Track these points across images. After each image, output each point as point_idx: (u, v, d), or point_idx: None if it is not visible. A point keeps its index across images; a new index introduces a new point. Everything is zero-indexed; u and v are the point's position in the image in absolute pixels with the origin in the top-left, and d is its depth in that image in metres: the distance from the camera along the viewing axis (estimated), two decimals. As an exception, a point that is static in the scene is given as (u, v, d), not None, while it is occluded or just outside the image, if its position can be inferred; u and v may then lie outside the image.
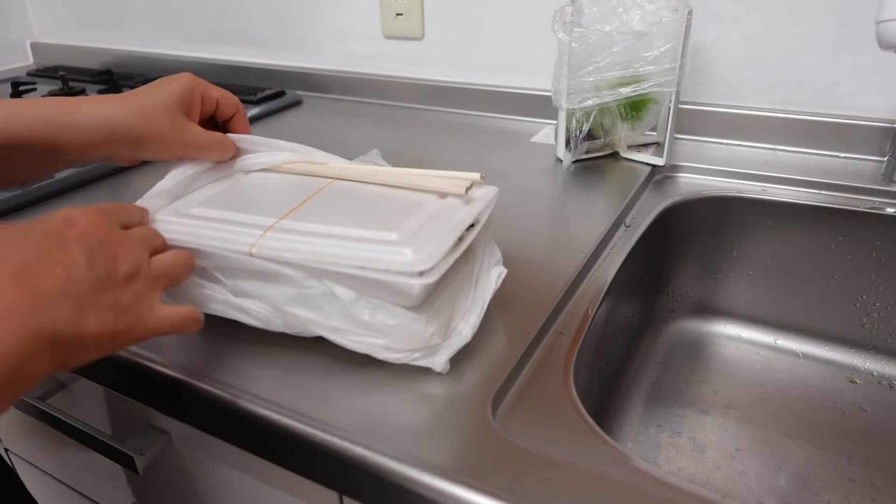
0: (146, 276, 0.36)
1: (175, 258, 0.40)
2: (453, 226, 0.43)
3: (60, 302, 0.31)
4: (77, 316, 0.32)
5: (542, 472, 0.35)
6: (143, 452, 0.50)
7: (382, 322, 0.40)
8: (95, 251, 0.34)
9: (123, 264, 0.35)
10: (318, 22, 1.07)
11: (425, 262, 0.39)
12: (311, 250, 0.41)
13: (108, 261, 0.34)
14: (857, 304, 0.70)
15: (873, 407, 0.65)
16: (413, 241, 0.41)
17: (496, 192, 0.48)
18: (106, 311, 0.33)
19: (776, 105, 0.79)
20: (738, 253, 0.73)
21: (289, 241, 0.42)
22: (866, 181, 0.69)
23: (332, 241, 0.41)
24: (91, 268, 0.33)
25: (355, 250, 0.41)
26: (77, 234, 0.34)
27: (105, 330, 0.33)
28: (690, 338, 0.76)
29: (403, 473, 0.35)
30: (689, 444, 0.62)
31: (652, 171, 0.75)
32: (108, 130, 0.46)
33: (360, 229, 0.42)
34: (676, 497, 0.34)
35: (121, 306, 0.34)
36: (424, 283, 0.39)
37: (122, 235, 0.37)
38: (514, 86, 0.94)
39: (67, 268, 0.32)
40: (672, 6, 0.67)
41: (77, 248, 0.33)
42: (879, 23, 0.56)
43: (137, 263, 0.36)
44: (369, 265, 0.39)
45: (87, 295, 0.32)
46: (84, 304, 0.32)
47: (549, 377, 0.43)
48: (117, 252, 0.35)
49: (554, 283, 0.52)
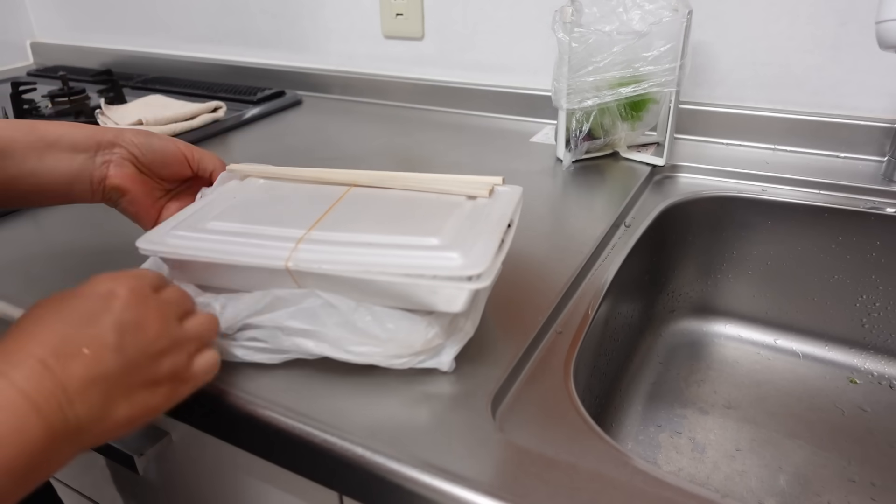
0: (180, 345, 0.36)
1: (204, 321, 0.39)
2: (493, 227, 0.41)
3: (88, 390, 0.31)
4: (105, 404, 0.31)
5: (542, 472, 0.35)
6: (143, 452, 0.50)
7: (383, 327, 0.39)
8: (127, 330, 0.33)
9: (158, 340, 0.34)
10: (318, 22, 1.07)
11: (476, 266, 0.38)
12: (351, 260, 0.39)
13: (140, 338, 0.33)
14: (857, 304, 0.70)
15: (873, 407, 0.65)
16: (457, 244, 0.39)
17: (521, 192, 0.47)
18: (138, 392, 0.33)
19: (776, 105, 0.79)
20: (737, 253, 0.73)
21: (325, 253, 0.40)
22: (866, 181, 0.69)
23: (372, 249, 0.40)
24: (121, 349, 0.32)
25: (399, 258, 0.39)
26: (115, 309, 0.33)
27: (135, 413, 0.33)
28: (690, 338, 0.76)
29: (403, 473, 0.35)
30: (689, 444, 0.62)
31: (652, 171, 0.75)
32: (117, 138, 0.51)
33: (397, 236, 0.41)
34: (676, 497, 0.34)
35: (156, 381, 0.34)
36: (476, 288, 0.38)
37: (157, 305, 0.36)
38: (514, 86, 0.94)
39: (95, 351, 0.31)
40: (672, 6, 0.67)
41: (108, 327, 0.32)
42: (879, 23, 0.56)
43: (171, 335, 0.35)
44: (417, 272, 0.38)
45: (117, 380, 0.32)
46: (113, 392, 0.32)
47: (549, 377, 0.43)
48: (151, 326, 0.34)
49: (554, 283, 0.52)
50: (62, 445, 0.29)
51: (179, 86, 1.10)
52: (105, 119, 0.86)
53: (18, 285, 0.55)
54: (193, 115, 0.90)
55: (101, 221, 0.67)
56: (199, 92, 1.07)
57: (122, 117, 0.86)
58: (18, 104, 0.99)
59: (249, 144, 0.88)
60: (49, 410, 0.29)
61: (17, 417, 0.28)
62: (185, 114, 0.89)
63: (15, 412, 0.28)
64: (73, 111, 0.95)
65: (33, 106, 1.01)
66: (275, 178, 0.52)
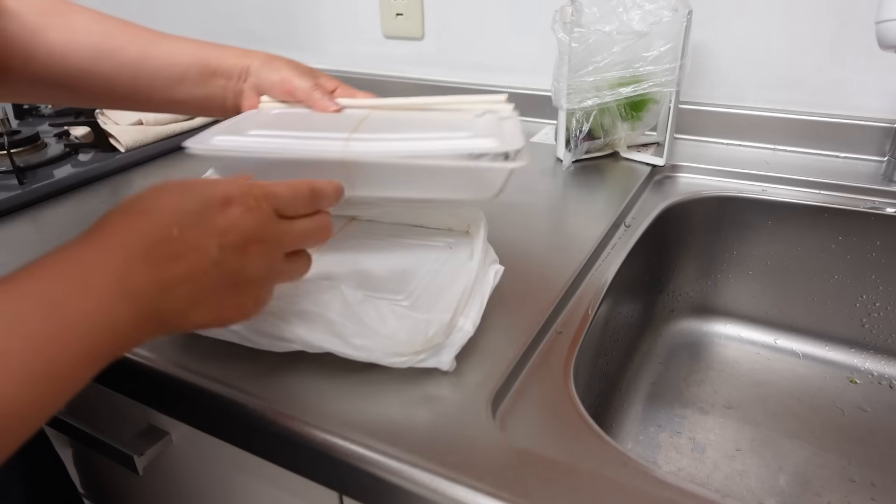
0: (270, 280, 0.37)
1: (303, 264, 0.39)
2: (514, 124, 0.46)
3: (179, 288, 0.32)
4: (190, 307, 0.33)
5: (542, 472, 0.35)
6: (143, 452, 0.50)
7: (385, 324, 0.40)
8: (231, 248, 0.34)
9: (253, 267, 0.35)
10: (318, 22, 1.07)
11: (513, 144, 0.41)
12: (400, 148, 0.42)
13: (238, 260, 0.34)
14: (857, 304, 0.70)
15: (873, 407, 0.65)
16: (489, 135, 0.42)
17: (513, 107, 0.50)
18: (219, 308, 0.34)
19: (776, 105, 0.79)
20: (738, 253, 0.73)
21: (375, 144, 0.42)
22: (866, 181, 0.69)
23: (415, 141, 0.42)
24: (219, 264, 0.33)
25: (443, 143, 0.42)
26: (224, 221, 0.34)
27: (211, 321, 0.35)
28: (690, 338, 0.76)
29: (403, 473, 0.35)
30: (689, 444, 0.62)
31: (652, 171, 0.75)
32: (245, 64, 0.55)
33: (434, 132, 0.44)
34: (676, 497, 0.34)
35: (235, 306, 0.35)
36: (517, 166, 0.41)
37: (268, 233, 0.35)
38: (514, 86, 0.94)
39: (198, 256, 0.33)
40: (672, 6, 0.67)
41: (214, 238, 0.33)
42: (879, 23, 0.56)
43: (267, 269, 0.36)
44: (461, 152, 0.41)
45: (207, 289, 0.33)
46: (200, 298, 0.33)
47: (549, 377, 0.43)
48: (253, 252, 0.35)
49: (554, 283, 0.52)
50: (146, 330, 0.32)
51: (179, 86, 1.10)
52: (105, 119, 0.86)
53: (18, 285, 0.55)
54: (193, 115, 0.90)
55: (101, 221, 0.67)
56: (199, 92, 1.06)
57: (122, 117, 0.86)
58: (18, 104, 0.99)
59: (249, 144, 0.88)
60: (140, 302, 0.30)
61: (109, 310, 0.29)
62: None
63: (108, 304, 0.29)
64: (72, 111, 0.95)
65: (33, 106, 1.01)
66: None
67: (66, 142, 0.84)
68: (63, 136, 0.86)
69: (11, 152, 0.79)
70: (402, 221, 0.53)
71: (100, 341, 0.29)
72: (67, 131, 0.86)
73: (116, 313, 0.30)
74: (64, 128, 0.86)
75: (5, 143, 0.79)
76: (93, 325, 0.29)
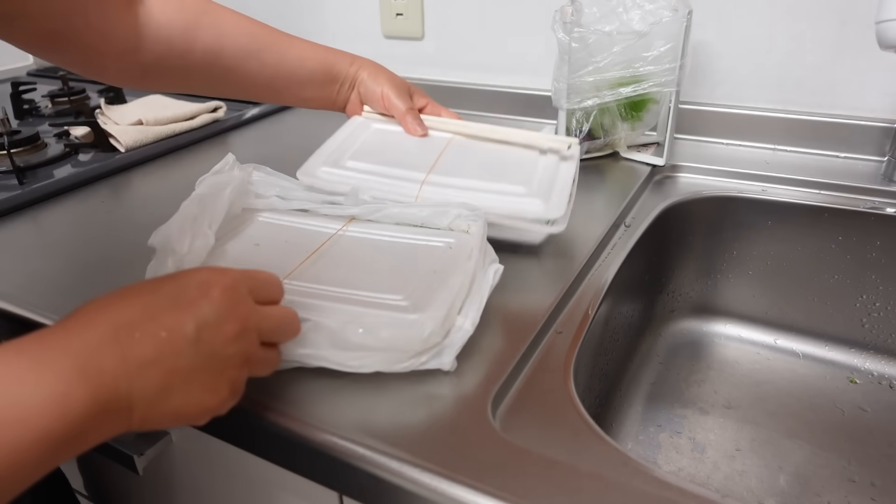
0: (246, 366, 0.35)
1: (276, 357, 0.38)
2: (565, 180, 0.56)
3: (148, 370, 0.30)
4: (161, 392, 0.30)
5: (542, 472, 0.35)
6: (143, 452, 0.50)
7: (377, 337, 0.39)
8: (208, 326, 0.32)
9: (231, 348, 0.33)
10: (317, 22, 1.07)
11: (555, 212, 0.52)
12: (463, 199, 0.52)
13: (216, 338, 0.32)
14: (857, 304, 0.70)
15: (873, 407, 0.65)
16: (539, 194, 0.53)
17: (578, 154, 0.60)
18: (193, 394, 0.32)
19: (776, 105, 0.79)
20: (738, 253, 0.73)
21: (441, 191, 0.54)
22: (866, 181, 0.69)
23: (476, 193, 0.53)
24: (196, 343, 0.31)
25: (497, 201, 0.53)
26: (202, 301, 0.32)
27: (183, 410, 0.32)
28: (690, 338, 0.76)
29: (403, 473, 0.35)
30: (689, 444, 0.62)
31: (652, 171, 0.75)
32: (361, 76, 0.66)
33: (494, 182, 0.55)
34: (676, 497, 0.34)
35: (210, 390, 0.33)
36: (555, 231, 0.53)
37: (246, 314, 0.34)
38: (514, 86, 0.94)
39: (173, 335, 0.31)
40: (672, 6, 0.67)
41: (191, 318, 0.32)
42: (879, 23, 0.56)
43: (244, 353, 0.34)
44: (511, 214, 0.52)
45: (181, 371, 0.31)
46: (172, 382, 0.31)
47: (549, 377, 0.43)
48: (230, 332, 0.33)
49: (554, 283, 0.52)
50: (107, 419, 0.29)
51: (179, 86, 1.10)
52: (105, 119, 0.85)
53: (18, 285, 0.55)
54: (193, 115, 0.90)
55: (102, 221, 0.67)
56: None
57: (122, 117, 0.86)
58: (18, 104, 0.99)
59: (249, 144, 0.88)
60: (100, 381, 0.28)
61: (62, 383, 0.27)
62: (184, 114, 0.89)
63: (61, 378, 0.27)
64: (72, 111, 0.95)
65: (33, 106, 1.01)
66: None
67: (66, 142, 0.84)
68: (63, 136, 0.86)
69: (11, 152, 0.79)
70: (402, 221, 0.54)
71: (52, 424, 0.26)
72: (67, 131, 0.86)
73: (71, 393, 0.27)
74: (64, 128, 0.86)
75: (5, 143, 0.79)
76: (43, 401, 0.26)
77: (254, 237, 0.52)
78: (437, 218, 0.53)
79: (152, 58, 0.54)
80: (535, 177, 0.57)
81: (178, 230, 0.45)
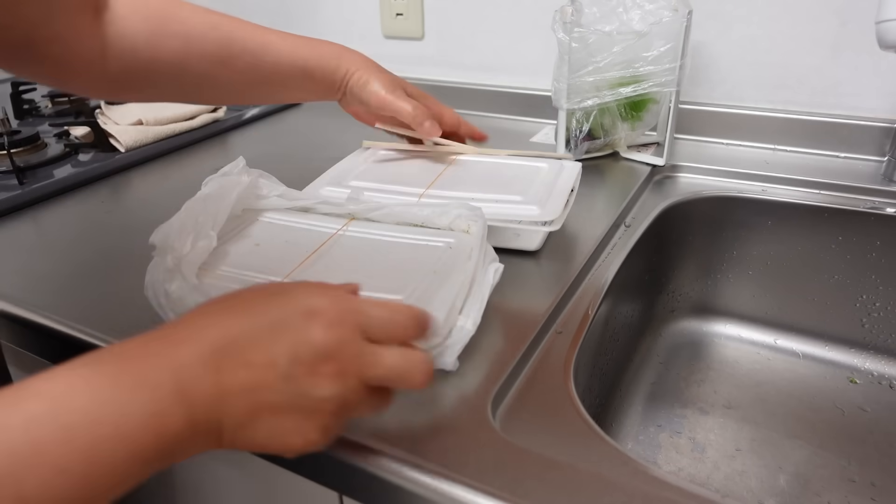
0: (342, 411, 0.32)
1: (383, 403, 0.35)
2: (562, 189, 0.57)
3: (238, 398, 0.29)
4: (248, 421, 0.30)
5: (542, 472, 0.35)
6: (143, 452, 0.50)
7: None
8: (302, 363, 0.30)
9: (323, 390, 0.30)
10: (317, 22, 1.07)
11: (550, 214, 0.53)
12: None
13: (308, 379, 0.30)
14: (857, 304, 0.70)
15: (873, 407, 0.65)
16: (535, 201, 0.55)
17: (580, 167, 0.61)
18: (278, 430, 0.31)
19: (776, 105, 0.79)
20: (738, 253, 0.73)
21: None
22: (866, 181, 0.69)
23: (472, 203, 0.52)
24: (287, 380, 0.30)
25: (495, 208, 0.53)
26: (302, 334, 0.31)
27: (268, 442, 0.31)
28: (690, 338, 0.76)
29: (403, 473, 0.35)
30: (689, 444, 0.62)
31: (652, 171, 0.75)
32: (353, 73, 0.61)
33: (492, 193, 0.56)
34: (676, 497, 0.34)
35: (296, 430, 0.31)
36: (549, 231, 0.54)
37: (347, 354, 0.31)
38: (514, 86, 0.94)
39: (266, 368, 0.30)
40: (672, 6, 0.67)
41: (287, 350, 0.30)
42: (879, 23, 0.56)
43: (339, 396, 0.31)
44: (508, 218, 0.53)
45: (268, 405, 0.30)
46: (259, 413, 0.30)
47: (549, 377, 0.43)
48: (325, 372, 0.30)
49: (554, 283, 0.52)
50: (198, 439, 0.29)
51: (179, 86, 1.10)
52: (105, 119, 0.85)
53: (18, 285, 0.55)
54: (193, 115, 0.90)
55: (102, 221, 0.67)
56: (199, 92, 1.06)
57: (122, 117, 0.86)
58: (18, 104, 0.99)
59: (249, 144, 0.88)
60: (194, 404, 0.28)
61: (159, 403, 0.27)
62: (184, 113, 0.89)
63: (159, 398, 0.27)
64: (72, 111, 0.95)
65: (33, 106, 1.01)
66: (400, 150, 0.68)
67: (66, 142, 0.84)
68: (63, 136, 0.86)
69: (11, 152, 0.79)
70: (402, 221, 0.54)
71: (146, 443, 0.27)
72: (67, 131, 0.86)
73: (167, 412, 0.27)
74: (64, 128, 0.86)
75: (5, 143, 0.79)
76: (140, 419, 0.27)
77: (254, 237, 0.53)
78: (437, 218, 0.53)
79: (118, 68, 0.51)
80: (532, 187, 0.57)
81: (179, 229, 0.45)
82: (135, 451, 0.26)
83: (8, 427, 0.24)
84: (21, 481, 0.23)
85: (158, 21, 0.52)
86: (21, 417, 0.24)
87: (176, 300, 0.42)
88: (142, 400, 0.27)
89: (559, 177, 0.59)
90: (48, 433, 0.24)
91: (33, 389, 0.26)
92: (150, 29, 0.51)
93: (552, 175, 0.60)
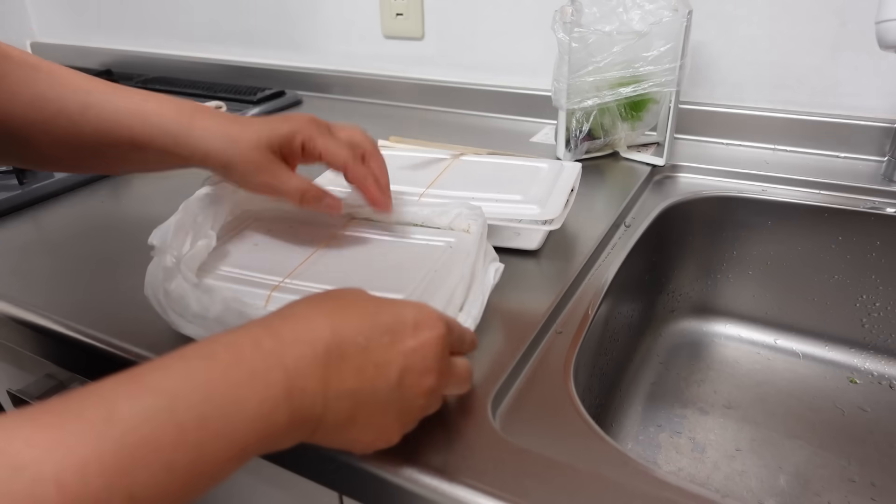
0: (422, 412, 0.35)
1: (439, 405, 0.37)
2: (562, 188, 0.57)
3: (343, 400, 0.30)
4: (347, 419, 0.31)
5: (542, 472, 0.35)
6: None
7: None
8: (412, 374, 0.32)
9: (422, 399, 0.33)
10: (317, 22, 1.07)
11: (550, 214, 0.53)
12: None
13: (413, 389, 0.32)
14: (857, 304, 0.70)
15: (873, 407, 0.65)
16: (536, 200, 0.55)
17: (580, 167, 0.61)
18: (372, 428, 0.32)
19: (776, 105, 0.79)
20: (738, 253, 0.73)
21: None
22: (866, 181, 0.69)
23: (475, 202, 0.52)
24: (395, 387, 0.32)
25: (496, 207, 0.54)
26: (414, 343, 0.32)
27: (356, 442, 0.33)
28: (690, 338, 0.76)
29: (403, 473, 0.35)
30: (689, 444, 0.62)
31: (652, 171, 0.75)
32: (205, 151, 0.46)
33: (493, 193, 0.56)
34: (676, 497, 0.34)
35: (386, 430, 0.33)
36: (549, 230, 0.54)
37: (443, 367, 0.34)
38: (514, 86, 0.94)
39: (376, 374, 0.31)
40: (672, 6, 0.67)
41: (400, 360, 0.32)
42: (879, 23, 0.56)
43: (429, 404, 0.34)
44: (509, 218, 0.53)
45: (369, 407, 0.31)
46: (359, 413, 0.31)
47: (549, 377, 0.43)
48: (426, 384, 0.33)
49: (554, 283, 0.52)
50: (294, 433, 0.29)
51: (179, 86, 1.10)
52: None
53: (18, 285, 0.55)
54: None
55: (102, 221, 0.67)
56: (199, 92, 1.06)
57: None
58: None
59: (249, 144, 0.88)
60: (301, 401, 0.29)
61: (270, 402, 0.28)
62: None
63: (270, 396, 0.28)
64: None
65: (33, 106, 1.01)
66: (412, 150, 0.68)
67: (66, 142, 0.84)
68: (63, 136, 0.86)
69: (11, 152, 0.79)
70: (402, 221, 0.54)
71: (252, 440, 0.27)
72: (67, 131, 0.86)
73: (275, 412, 0.28)
74: (64, 128, 0.86)
75: (5, 143, 0.79)
76: (249, 418, 0.27)
77: (254, 237, 0.53)
78: (437, 217, 0.53)
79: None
80: (532, 187, 0.57)
81: (178, 229, 0.45)
82: (238, 446, 0.27)
83: (124, 420, 0.24)
84: (133, 478, 0.23)
85: (12, 83, 0.47)
86: (137, 412, 0.24)
87: (175, 299, 0.42)
88: (254, 400, 0.27)
89: (559, 176, 0.59)
90: (162, 430, 0.24)
91: (150, 383, 0.26)
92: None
93: (552, 175, 0.60)
